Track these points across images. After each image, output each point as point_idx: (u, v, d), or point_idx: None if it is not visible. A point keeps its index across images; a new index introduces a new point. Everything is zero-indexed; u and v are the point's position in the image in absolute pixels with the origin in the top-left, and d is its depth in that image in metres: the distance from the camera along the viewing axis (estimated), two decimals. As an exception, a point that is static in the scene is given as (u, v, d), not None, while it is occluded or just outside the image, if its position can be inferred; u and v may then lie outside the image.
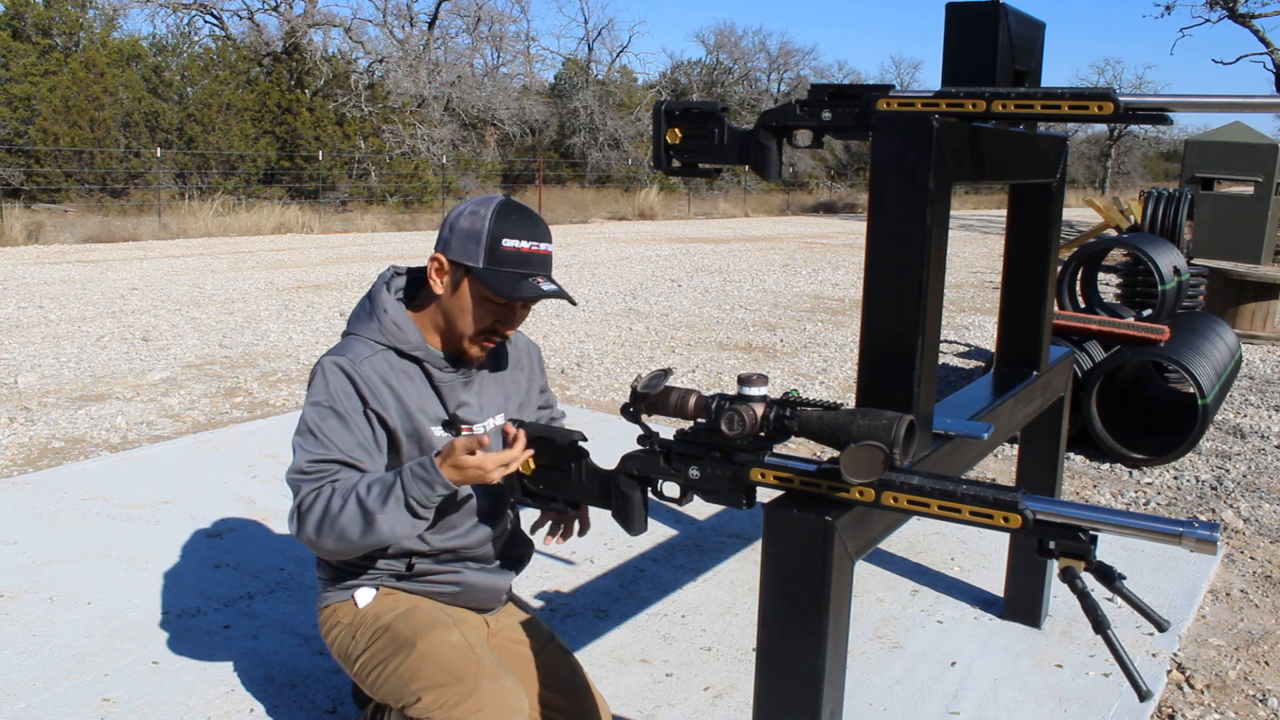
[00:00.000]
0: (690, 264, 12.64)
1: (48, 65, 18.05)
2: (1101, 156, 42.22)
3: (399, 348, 1.76)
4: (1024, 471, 2.76)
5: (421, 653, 1.72)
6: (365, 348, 1.75)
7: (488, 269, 1.69)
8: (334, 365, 1.72)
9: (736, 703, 2.37)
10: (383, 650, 1.76)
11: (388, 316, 1.77)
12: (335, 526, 1.63)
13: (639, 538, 3.32)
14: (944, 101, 1.60)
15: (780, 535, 1.45)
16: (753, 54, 34.20)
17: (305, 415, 1.71)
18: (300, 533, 1.67)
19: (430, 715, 1.66)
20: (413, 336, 1.77)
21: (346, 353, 1.74)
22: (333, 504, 1.63)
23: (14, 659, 2.46)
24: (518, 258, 1.70)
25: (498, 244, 1.69)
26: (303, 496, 1.66)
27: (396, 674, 1.72)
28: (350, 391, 1.71)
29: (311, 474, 1.67)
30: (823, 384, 6.05)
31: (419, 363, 1.78)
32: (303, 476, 1.68)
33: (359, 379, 1.71)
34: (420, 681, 1.68)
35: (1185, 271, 4.82)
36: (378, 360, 1.74)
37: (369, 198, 20.69)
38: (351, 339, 1.78)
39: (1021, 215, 2.42)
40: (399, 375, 1.76)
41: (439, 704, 1.65)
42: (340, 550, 1.68)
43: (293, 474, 1.69)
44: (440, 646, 1.72)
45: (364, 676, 1.79)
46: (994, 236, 18.48)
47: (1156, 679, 2.55)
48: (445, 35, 25.76)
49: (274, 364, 6.10)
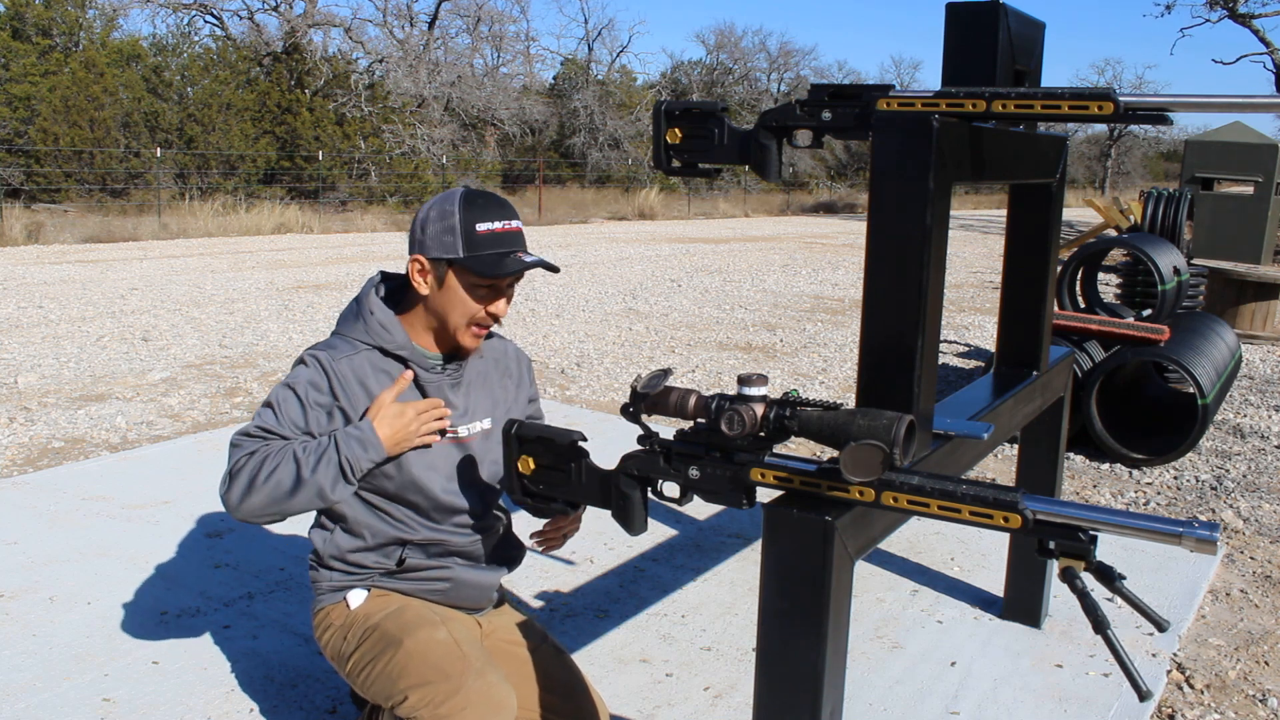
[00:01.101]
0: (690, 264, 12.64)
1: (48, 65, 18.05)
2: (1101, 156, 42.22)
3: (384, 347, 1.80)
4: (1024, 471, 2.76)
5: (408, 650, 1.72)
6: (348, 346, 1.80)
7: (469, 256, 1.73)
8: (312, 358, 1.77)
9: (736, 703, 2.37)
10: (371, 649, 1.77)
11: (374, 318, 1.81)
12: (268, 482, 1.66)
13: (639, 538, 3.32)
14: (944, 101, 1.60)
15: (780, 535, 1.45)
16: (753, 54, 34.22)
17: (272, 392, 1.77)
18: (229, 491, 1.68)
19: (417, 714, 1.66)
20: (398, 336, 1.81)
21: (328, 348, 1.79)
22: (266, 463, 1.67)
23: (14, 659, 2.46)
24: (494, 238, 1.75)
25: (473, 231, 1.74)
26: (237, 458, 1.70)
27: (384, 673, 1.73)
28: (322, 384, 1.76)
29: (254, 437, 1.72)
30: (823, 384, 6.05)
31: (404, 362, 1.81)
32: (245, 439, 1.72)
33: (333, 374, 1.76)
34: (407, 679, 1.69)
35: (1185, 271, 4.82)
36: (358, 359, 1.79)
37: (369, 198, 20.69)
38: (336, 337, 1.83)
39: (1021, 215, 2.42)
40: (380, 374, 1.80)
41: (425, 702, 1.66)
42: (266, 508, 1.68)
43: (237, 434, 1.73)
44: (427, 644, 1.73)
45: (355, 677, 1.80)
46: (994, 236, 18.48)
47: (1156, 679, 2.55)
48: (445, 35, 25.77)
49: (274, 364, 6.10)
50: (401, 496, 1.84)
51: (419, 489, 1.83)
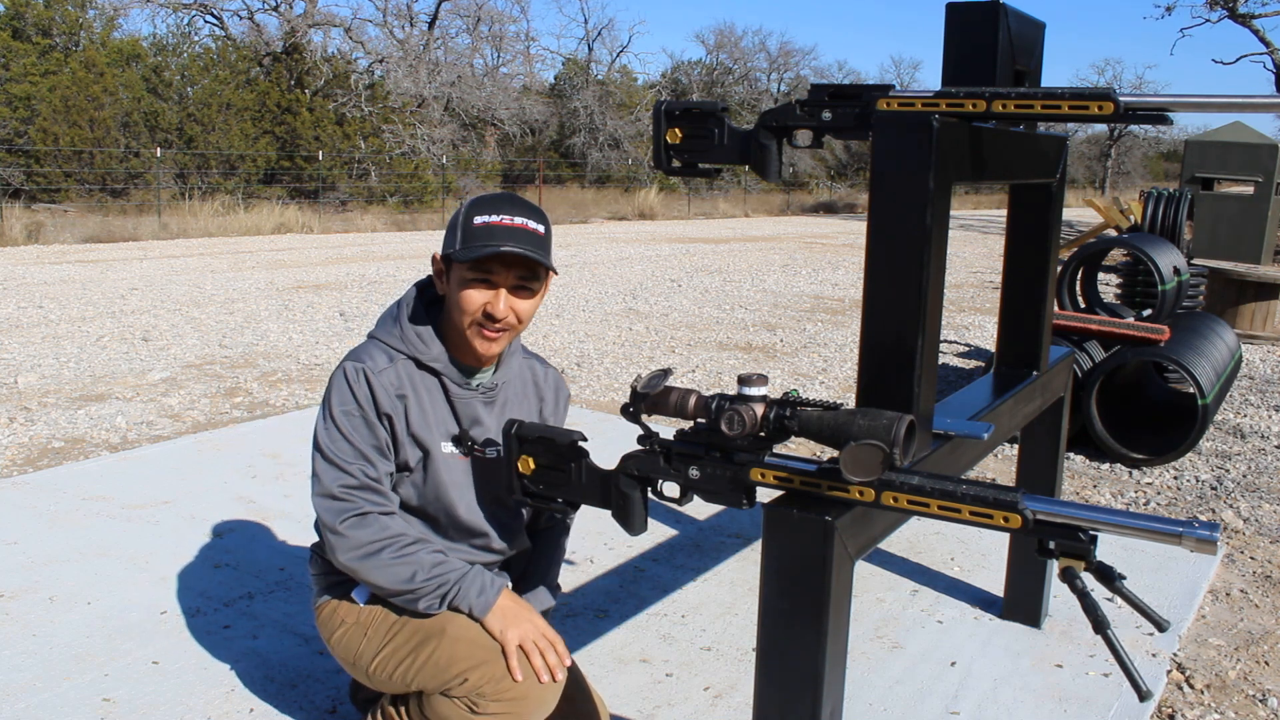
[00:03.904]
0: (690, 264, 12.64)
1: (48, 65, 18.04)
2: (1101, 156, 42.22)
3: (418, 358, 1.79)
4: (1024, 471, 2.76)
5: (454, 637, 1.74)
6: (384, 357, 1.79)
7: (461, 249, 1.72)
8: (356, 371, 1.77)
9: (736, 703, 2.37)
10: (407, 642, 1.78)
11: (411, 326, 1.81)
12: (387, 567, 1.73)
13: (639, 538, 3.32)
14: (944, 101, 1.60)
15: (780, 535, 1.45)
16: (753, 54, 34.22)
17: (329, 420, 1.76)
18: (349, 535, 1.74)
19: (481, 690, 1.69)
20: (434, 348, 1.80)
21: (366, 359, 1.78)
22: (404, 552, 1.74)
23: (14, 659, 2.45)
24: (485, 230, 1.72)
25: (470, 224, 1.73)
26: (344, 517, 1.74)
27: (431, 661, 1.74)
28: (366, 399, 1.76)
29: (354, 479, 1.76)
30: (823, 384, 6.05)
31: (437, 375, 1.80)
32: (350, 492, 1.76)
33: (377, 387, 1.76)
34: (463, 663, 1.71)
35: (1185, 271, 4.82)
36: (395, 371, 1.79)
37: (369, 198, 20.69)
38: (373, 344, 1.82)
39: (1021, 215, 2.42)
40: (414, 387, 1.79)
41: (487, 679, 1.69)
42: (366, 574, 1.76)
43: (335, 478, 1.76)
44: (467, 628, 1.75)
45: (388, 672, 1.80)
46: (994, 236, 18.48)
47: (1156, 679, 2.55)
48: (445, 35, 25.78)
49: (274, 364, 6.10)
50: (423, 511, 1.85)
51: (442, 505, 1.83)
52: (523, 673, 1.70)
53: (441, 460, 1.81)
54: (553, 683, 1.72)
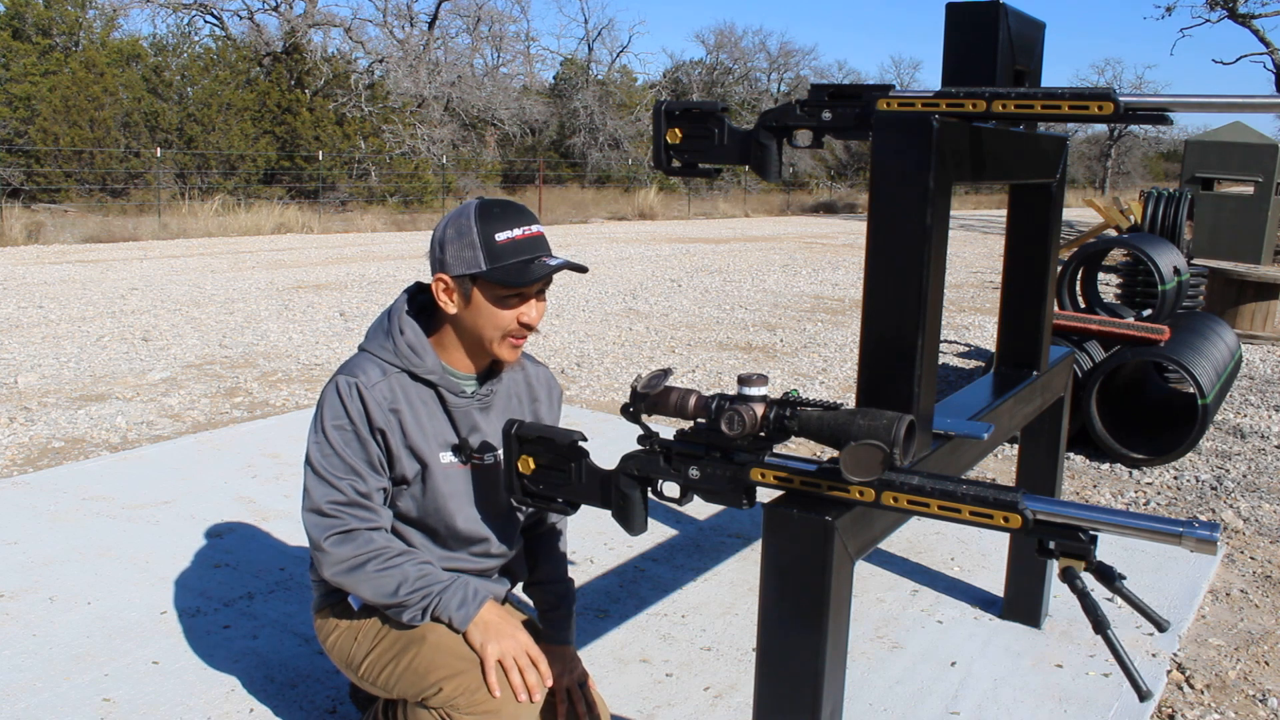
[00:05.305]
0: (690, 264, 12.64)
1: (48, 65, 18.04)
2: (1101, 156, 42.20)
3: (412, 370, 1.77)
4: (1024, 471, 2.76)
5: (434, 644, 1.73)
6: (377, 370, 1.77)
7: (492, 268, 1.69)
8: (349, 386, 1.75)
9: (736, 703, 2.37)
10: (391, 647, 1.78)
11: (404, 339, 1.78)
12: (370, 580, 1.73)
13: (639, 538, 3.32)
14: (944, 101, 1.60)
15: (780, 535, 1.45)
16: (753, 54, 34.21)
17: (320, 436, 1.76)
18: (333, 551, 1.74)
19: (454, 701, 1.68)
20: (428, 360, 1.78)
21: (359, 373, 1.76)
22: (389, 565, 1.74)
23: (14, 659, 2.46)
24: (515, 247, 1.70)
25: (493, 241, 1.70)
26: (330, 533, 1.74)
27: (411, 668, 1.74)
28: (360, 416, 1.75)
29: (343, 494, 1.75)
30: (823, 384, 6.05)
31: (433, 387, 1.79)
32: (340, 509, 1.76)
33: (370, 402, 1.75)
34: (438, 672, 1.70)
35: (1185, 271, 4.82)
36: (388, 384, 1.77)
37: (369, 198, 20.69)
38: (365, 357, 1.80)
39: (1021, 215, 2.42)
40: (409, 400, 1.78)
41: (460, 690, 1.68)
42: (352, 586, 1.76)
43: (325, 494, 1.75)
44: (449, 637, 1.74)
45: (373, 676, 1.80)
46: (994, 236, 18.48)
47: (1156, 679, 2.55)
48: (445, 35, 25.77)
49: (274, 364, 6.10)
50: (421, 522, 1.84)
51: (441, 517, 1.83)
52: (500, 689, 1.68)
53: (440, 471, 1.81)
54: (530, 703, 1.69)
